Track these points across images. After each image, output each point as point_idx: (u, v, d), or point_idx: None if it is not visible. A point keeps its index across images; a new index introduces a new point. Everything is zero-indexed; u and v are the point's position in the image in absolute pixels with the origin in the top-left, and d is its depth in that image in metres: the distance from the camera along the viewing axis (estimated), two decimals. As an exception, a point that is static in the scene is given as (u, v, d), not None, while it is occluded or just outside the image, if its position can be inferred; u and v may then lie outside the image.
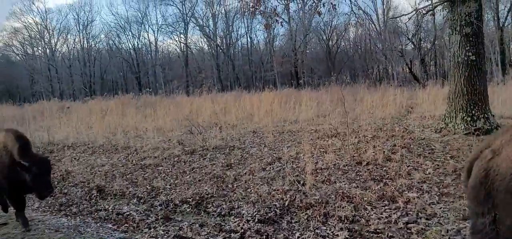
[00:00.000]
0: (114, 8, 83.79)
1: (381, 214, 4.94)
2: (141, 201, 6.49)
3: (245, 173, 7.14)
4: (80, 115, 15.93)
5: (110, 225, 5.53)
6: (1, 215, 6.23)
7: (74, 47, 49.14)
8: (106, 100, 20.49)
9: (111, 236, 5.13)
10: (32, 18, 50.02)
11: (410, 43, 34.72)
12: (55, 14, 68.20)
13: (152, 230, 5.20)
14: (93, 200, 6.89)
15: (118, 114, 14.74)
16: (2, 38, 50.44)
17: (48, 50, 47.62)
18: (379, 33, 36.76)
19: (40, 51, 48.93)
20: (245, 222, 5.03)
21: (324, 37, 42.05)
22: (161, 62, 46.75)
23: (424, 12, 10.33)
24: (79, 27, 47.58)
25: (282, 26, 23.91)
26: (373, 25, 38.01)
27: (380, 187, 5.66)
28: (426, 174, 6.14)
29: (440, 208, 4.93)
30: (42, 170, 4.89)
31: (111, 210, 6.05)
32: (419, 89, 17.67)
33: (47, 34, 47.13)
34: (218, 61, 41.58)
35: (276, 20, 8.66)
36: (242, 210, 5.46)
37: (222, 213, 5.56)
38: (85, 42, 47.70)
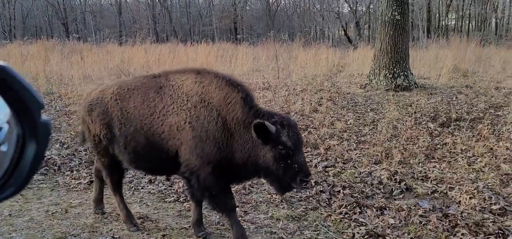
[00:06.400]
0: None
1: (303, 159, 5.20)
2: (64, 146, 6.25)
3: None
4: (-3, 59, 14.65)
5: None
6: None
7: (-9, -14, 44.51)
8: (27, 45, 18.91)
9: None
10: None
11: (347, 6, 35.55)
12: None
13: (74, 172, 5.11)
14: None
15: (40, 60, 13.75)
16: None
17: (-40, -13, 42.72)
18: (318, -6, 37.29)
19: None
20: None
21: (265, -5, 41.81)
22: (92, 9, 43.90)
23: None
24: (-3, -37, 42.99)
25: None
26: (312, -15, 38.42)
27: (305, 135, 5.92)
28: (347, 124, 6.52)
29: (356, 153, 5.30)
30: (296, 140, 2.88)
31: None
32: (351, 50, 18.36)
33: (-41, -32, 42.11)
34: (154, 12, 39.93)
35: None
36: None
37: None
38: (4, -19, 43.34)
